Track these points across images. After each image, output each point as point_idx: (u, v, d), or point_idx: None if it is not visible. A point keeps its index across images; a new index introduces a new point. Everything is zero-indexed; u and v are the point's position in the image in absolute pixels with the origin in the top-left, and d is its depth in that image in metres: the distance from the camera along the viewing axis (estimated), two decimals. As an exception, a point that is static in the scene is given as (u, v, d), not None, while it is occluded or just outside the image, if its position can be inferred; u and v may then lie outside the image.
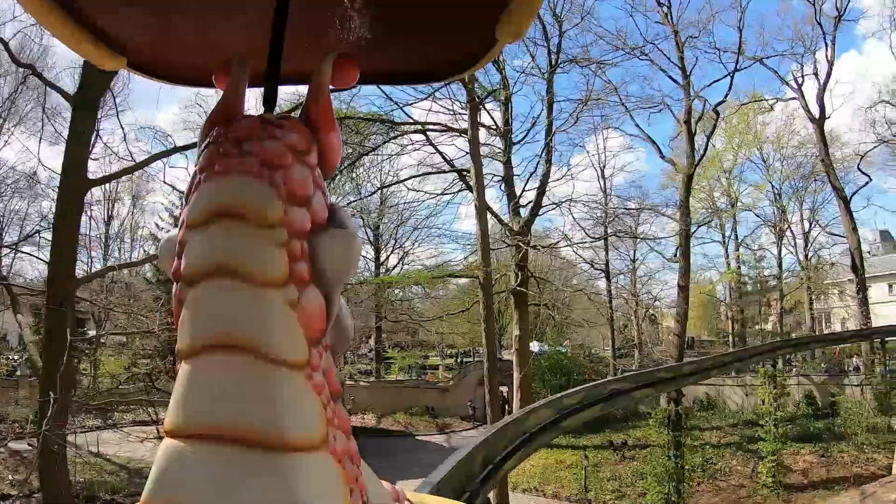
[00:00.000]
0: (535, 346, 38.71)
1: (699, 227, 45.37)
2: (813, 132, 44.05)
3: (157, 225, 43.12)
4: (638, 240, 46.69)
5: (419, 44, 1.05)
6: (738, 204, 50.99)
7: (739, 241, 52.73)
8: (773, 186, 49.49)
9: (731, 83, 38.40)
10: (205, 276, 0.72)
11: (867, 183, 43.40)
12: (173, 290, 0.77)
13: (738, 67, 37.76)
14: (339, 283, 0.78)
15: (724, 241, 53.37)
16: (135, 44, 1.00)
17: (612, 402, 14.10)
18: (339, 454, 0.74)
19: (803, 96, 42.27)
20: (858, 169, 43.10)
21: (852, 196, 42.02)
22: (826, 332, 51.88)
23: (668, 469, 26.98)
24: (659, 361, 48.92)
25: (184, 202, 0.80)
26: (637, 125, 40.89)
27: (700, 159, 38.80)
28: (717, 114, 38.31)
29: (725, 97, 38.59)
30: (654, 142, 41.33)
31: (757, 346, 30.22)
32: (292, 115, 0.86)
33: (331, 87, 0.89)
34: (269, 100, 0.91)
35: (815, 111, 41.50)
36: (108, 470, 27.50)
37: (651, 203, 42.61)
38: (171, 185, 33.79)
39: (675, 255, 41.79)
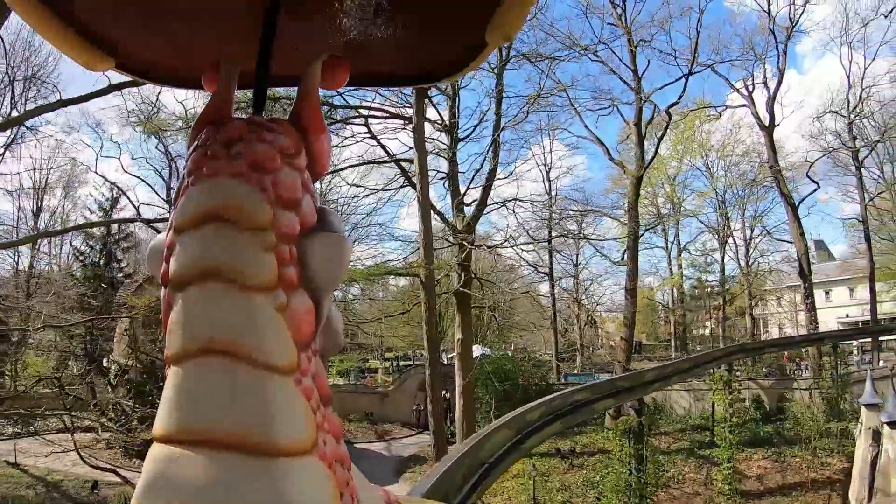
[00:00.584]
0: (477, 349, 37.99)
1: (646, 230, 45.33)
2: (758, 141, 45.23)
3: (85, 217, 40.31)
4: (581, 244, 47.26)
5: (409, 46, 1.02)
6: (682, 210, 51.44)
7: (682, 247, 53.26)
8: (717, 194, 49.96)
9: (686, 86, 38.63)
10: (193, 280, 0.72)
11: (815, 190, 44.36)
12: (162, 295, 0.76)
13: (691, 71, 37.98)
14: (328, 288, 0.77)
15: (668, 247, 53.88)
16: (123, 45, 0.98)
17: (575, 416, 12.47)
18: (330, 458, 0.74)
19: (753, 104, 42.85)
20: (807, 176, 43.83)
21: (800, 202, 42.71)
22: (763, 337, 53.17)
23: (629, 483, 25.88)
24: (601, 365, 49.08)
25: (172, 205, 0.79)
26: (586, 126, 40.95)
27: (650, 161, 38.83)
28: (669, 116, 38.32)
29: (679, 99, 38.83)
30: (602, 143, 41.09)
31: (713, 350, 29.63)
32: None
33: (321, 89, 0.88)
34: (259, 102, 0.90)
35: (766, 119, 42.13)
36: (25, 483, 25.54)
37: (596, 206, 41.82)
38: (102, 176, 31.33)
39: (623, 259, 41.50)
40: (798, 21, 41.59)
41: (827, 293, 60.76)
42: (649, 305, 60.62)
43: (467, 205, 34.60)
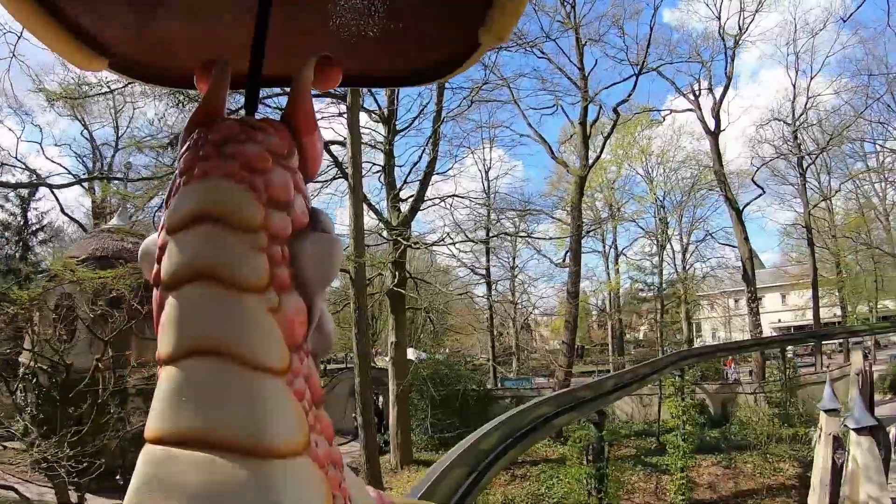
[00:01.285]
0: (412, 353, 37.57)
1: (588, 232, 44.47)
2: (698, 149, 45.96)
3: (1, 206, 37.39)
4: (519, 246, 46.66)
5: (402, 47, 1.05)
6: (621, 215, 51.27)
7: (619, 252, 53.23)
8: (656, 199, 49.60)
9: (636, 84, 38.37)
10: (184, 281, 0.72)
11: (760, 195, 45.00)
12: (153, 295, 0.76)
13: (641, 70, 37.72)
14: (320, 288, 0.78)
15: (605, 252, 53.72)
16: (116, 45, 0.99)
17: (536, 435, 10.44)
18: (322, 460, 0.75)
19: (700, 108, 42.97)
20: (752, 181, 44.45)
21: (744, 207, 42.99)
22: (698, 342, 53.22)
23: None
24: (538, 369, 49.33)
25: (164, 205, 0.79)
26: (529, 124, 39.93)
27: (595, 160, 38.21)
28: (617, 114, 37.93)
29: (629, 96, 38.76)
30: (545, 141, 40.48)
31: (669, 354, 28.39)
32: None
33: (313, 90, 0.88)
34: (251, 102, 0.91)
35: (711, 124, 42.24)
36: None
37: (535, 206, 40.81)
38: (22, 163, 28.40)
39: (565, 260, 40.56)
40: (747, 29, 42.12)
41: (760, 299, 61.43)
42: (583, 309, 60.22)
43: (403, 200, 32.79)
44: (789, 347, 41.20)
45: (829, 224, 46.22)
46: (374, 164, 32.99)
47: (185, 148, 0.80)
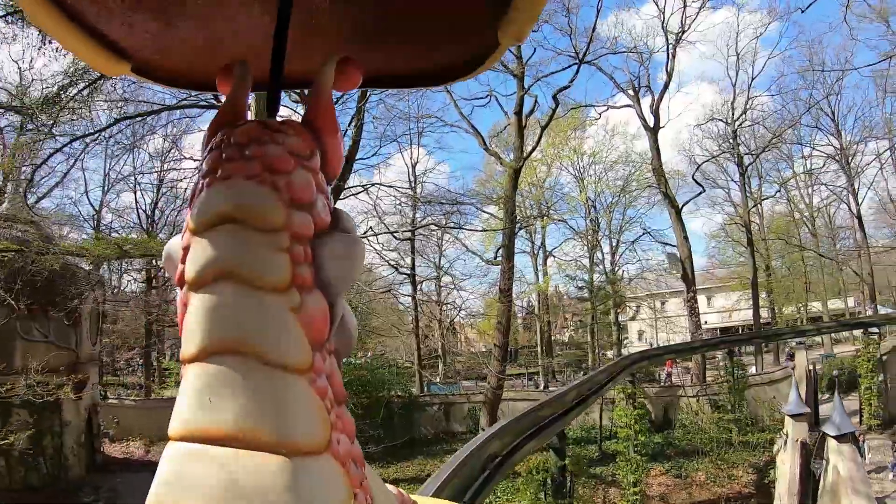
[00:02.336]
0: None
1: (520, 228, 42.56)
2: (632, 149, 45.94)
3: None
4: (445, 246, 45.34)
5: (421, 47, 1.05)
6: (551, 214, 50.25)
7: (548, 252, 51.86)
8: (587, 199, 48.97)
9: (577, 72, 36.54)
10: (208, 282, 0.73)
11: (700, 193, 44.32)
12: (178, 296, 0.78)
13: (582, 59, 35.75)
14: (342, 288, 0.79)
15: (534, 252, 52.07)
16: (137, 49, 0.99)
17: (489, 482, 7.97)
18: (344, 457, 0.75)
19: (639, 104, 42.21)
20: (693, 179, 43.69)
21: (684, 205, 42.17)
22: (625, 343, 52.40)
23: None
24: (464, 373, 48.29)
25: (188, 207, 0.80)
26: (461, 112, 37.54)
27: (532, 151, 36.52)
28: (557, 102, 35.78)
29: (571, 82, 36.99)
30: (477, 132, 38.22)
31: (620, 359, 26.21)
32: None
33: (334, 91, 0.89)
34: (272, 104, 0.92)
35: (651, 120, 41.55)
36: None
37: (466, 198, 38.59)
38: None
39: (496, 257, 38.60)
40: (689, 27, 41.59)
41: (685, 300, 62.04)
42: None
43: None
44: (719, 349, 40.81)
45: (760, 227, 46.53)
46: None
47: (207, 150, 0.80)
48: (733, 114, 43.73)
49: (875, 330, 28.16)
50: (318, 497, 0.68)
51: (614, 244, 49.84)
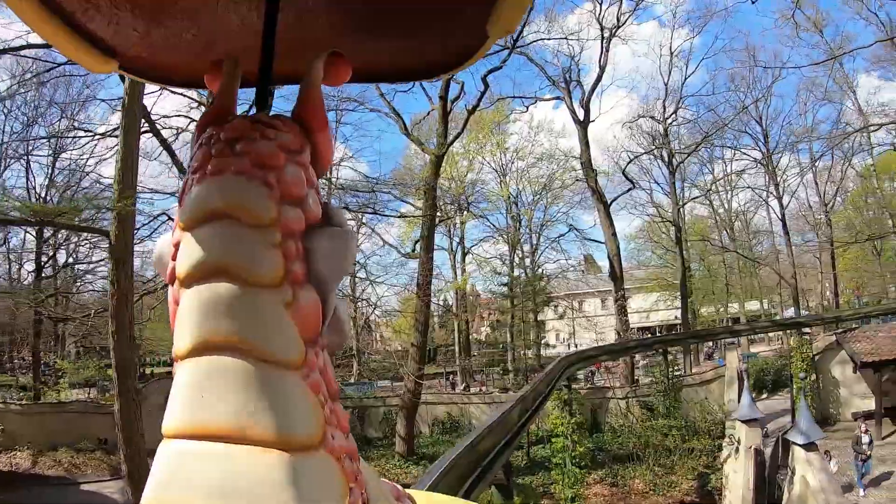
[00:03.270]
0: None
1: (440, 221, 40.59)
2: (556, 147, 45.66)
3: None
4: (361, 241, 41.44)
5: (411, 41, 1.04)
6: (471, 210, 49.12)
7: (467, 249, 50.44)
8: (510, 195, 48.05)
9: (510, 55, 34.85)
10: (199, 278, 0.73)
11: (630, 189, 43.38)
12: (169, 293, 0.78)
13: (514, 44, 34.18)
14: (334, 283, 0.78)
15: (452, 249, 50.27)
16: (125, 46, 0.98)
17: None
18: (338, 453, 0.75)
19: (570, 96, 40.97)
20: (623, 174, 42.68)
21: (613, 201, 41.13)
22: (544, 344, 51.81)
23: None
24: (379, 372, 46.40)
25: (178, 203, 0.81)
26: (383, 95, 35.16)
27: (456, 137, 34.86)
28: (486, 84, 34.32)
29: (503, 63, 34.95)
30: (399, 116, 36.23)
31: (557, 362, 23.58)
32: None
33: (323, 85, 0.89)
34: (262, 100, 0.92)
35: (581, 114, 40.32)
36: None
37: (384, 185, 36.25)
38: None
39: (414, 251, 36.47)
40: (625, 22, 41.02)
41: (603, 301, 62.01)
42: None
43: None
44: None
45: (682, 229, 45.80)
46: (191, 118, 26.30)
47: (197, 146, 0.80)
48: (664, 112, 43.34)
49: (807, 330, 27.59)
50: (314, 492, 0.68)
51: (535, 242, 49.38)
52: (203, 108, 20.60)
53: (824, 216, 44.26)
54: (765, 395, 30.58)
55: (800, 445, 13.51)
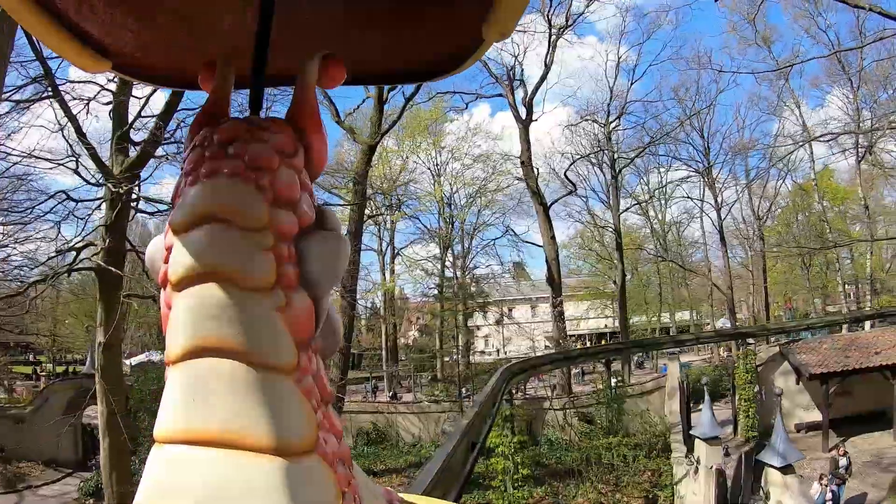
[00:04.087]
0: (144, 356, 31.15)
1: (370, 217, 38.36)
2: (492, 149, 44.64)
3: None
4: None
5: (406, 43, 1.05)
6: (403, 210, 47.28)
7: (396, 250, 48.78)
8: (443, 196, 46.02)
9: None
10: (192, 281, 0.73)
11: (571, 192, 42.12)
12: (161, 296, 0.78)
13: None
14: (327, 286, 0.78)
15: (381, 249, 48.66)
16: (119, 46, 0.99)
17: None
18: (331, 458, 0.75)
19: (513, 93, 39.59)
20: (565, 176, 41.63)
21: (553, 203, 39.88)
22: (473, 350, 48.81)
23: None
24: None
25: (171, 205, 0.82)
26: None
27: (391, 127, 32.41)
28: None
29: None
30: (332, 102, 33.26)
31: (499, 373, 21.56)
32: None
33: (317, 87, 0.89)
34: (255, 101, 0.92)
35: (523, 112, 39.07)
36: None
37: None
38: None
39: None
40: (574, 22, 40.08)
41: (533, 308, 62.24)
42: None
43: (136, 143, 22.81)
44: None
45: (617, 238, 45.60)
46: (105, 89, 22.82)
47: (190, 148, 0.80)
48: (608, 116, 42.40)
49: (751, 341, 26.79)
50: (307, 497, 0.68)
51: (468, 245, 47.20)
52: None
53: (757, 230, 44.61)
54: (701, 406, 29.75)
55: (776, 468, 12.04)
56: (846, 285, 47.32)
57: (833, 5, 36.88)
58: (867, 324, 31.09)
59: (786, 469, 12.05)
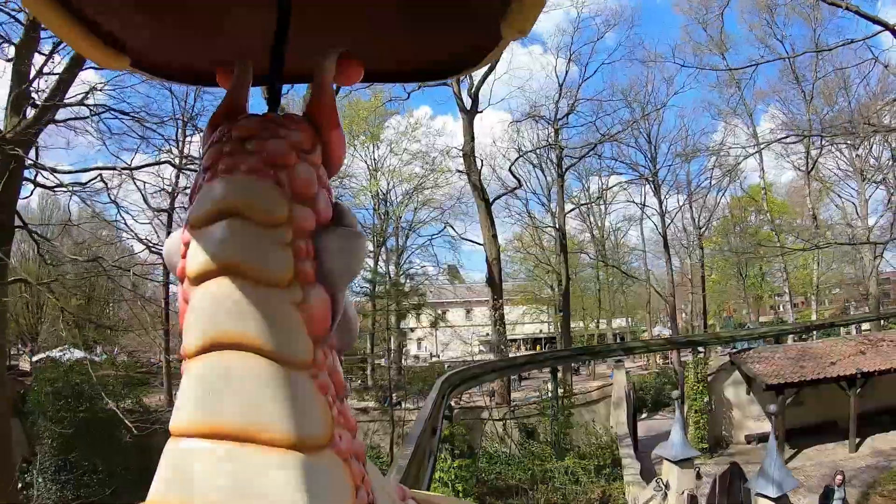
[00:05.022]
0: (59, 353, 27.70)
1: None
2: (432, 144, 42.24)
3: None
4: None
5: (424, 41, 1.04)
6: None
7: None
8: (378, 191, 43.46)
9: None
10: (210, 276, 0.73)
11: (516, 188, 40.52)
12: (179, 290, 0.79)
13: None
14: (344, 283, 0.79)
15: None
16: (138, 43, 0.99)
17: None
18: (345, 453, 0.76)
19: (458, 83, 37.21)
20: (510, 171, 39.77)
21: (496, 199, 37.97)
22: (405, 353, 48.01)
23: None
24: None
25: (189, 201, 0.82)
26: None
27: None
28: None
29: None
30: (265, 82, 30.23)
31: (438, 384, 19.04)
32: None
33: (334, 84, 0.90)
34: (273, 98, 0.93)
35: (468, 103, 36.97)
36: None
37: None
38: None
39: None
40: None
41: (468, 311, 60.86)
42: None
43: (34, 104, 19.35)
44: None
45: (556, 242, 43.76)
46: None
47: (208, 144, 0.81)
48: (556, 113, 40.48)
49: (701, 349, 25.62)
50: (322, 493, 0.68)
51: (403, 243, 45.30)
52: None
53: (697, 239, 44.38)
54: (644, 415, 28.56)
55: (770, 499, 10.49)
56: (776, 296, 47.87)
57: (790, 18, 37.19)
58: (814, 334, 30.93)
59: (781, 499, 10.56)
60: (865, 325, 34.87)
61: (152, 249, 32.06)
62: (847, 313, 45.08)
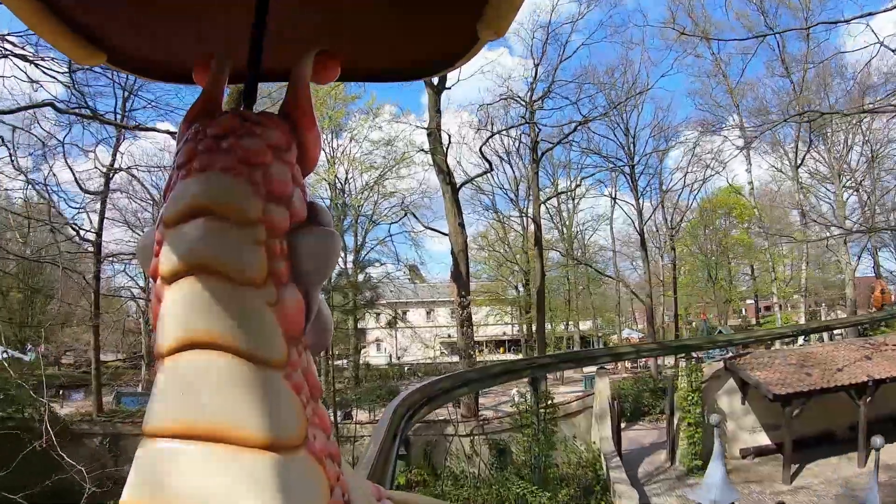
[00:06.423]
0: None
1: None
2: (399, 134, 39.63)
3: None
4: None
5: (401, 40, 1.06)
6: None
7: None
8: (336, 179, 40.01)
9: None
10: (182, 274, 0.73)
11: (486, 172, 38.33)
12: (152, 289, 0.78)
13: None
14: (318, 282, 0.79)
15: None
16: (114, 40, 1.00)
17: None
18: (320, 453, 0.76)
19: None
20: (479, 152, 37.27)
21: (463, 184, 35.18)
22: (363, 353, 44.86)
23: None
24: None
25: (162, 199, 0.82)
26: None
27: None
28: None
29: None
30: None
31: (394, 409, 15.90)
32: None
33: (312, 84, 0.90)
34: (249, 96, 0.93)
35: (435, 78, 33.32)
36: None
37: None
38: None
39: None
40: None
41: (429, 312, 59.87)
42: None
43: None
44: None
45: (524, 240, 43.11)
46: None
47: (183, 141, 0.80)
48: (532, 94, 38.09)
49: (694, 355, 23.09)
50: (296, 493, 0.68)
51: (362, 239, 42.11)
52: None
53: (669, 240, 43.12)
54: (623, 425, 26.19)
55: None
56: (746, 300, 46.74)
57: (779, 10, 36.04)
58: (800, 339, 29.50)
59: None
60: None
61: (83, 238, 28.99)
62: (818, 318, 44.05)
